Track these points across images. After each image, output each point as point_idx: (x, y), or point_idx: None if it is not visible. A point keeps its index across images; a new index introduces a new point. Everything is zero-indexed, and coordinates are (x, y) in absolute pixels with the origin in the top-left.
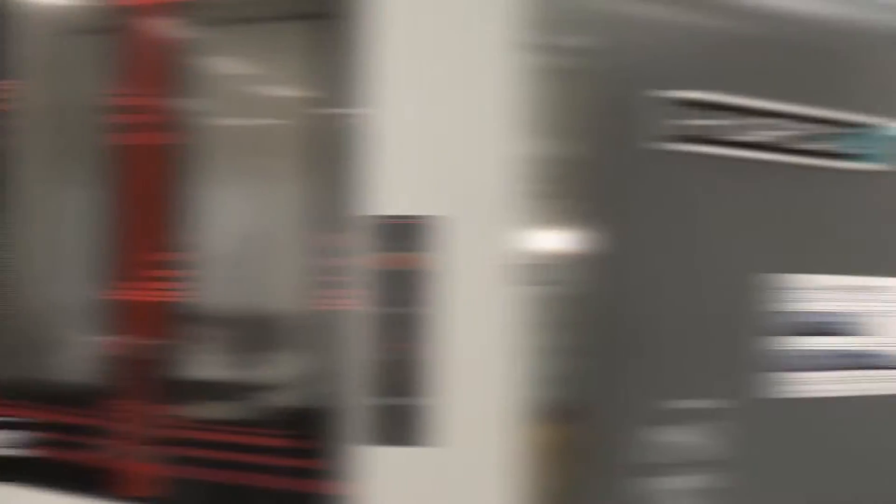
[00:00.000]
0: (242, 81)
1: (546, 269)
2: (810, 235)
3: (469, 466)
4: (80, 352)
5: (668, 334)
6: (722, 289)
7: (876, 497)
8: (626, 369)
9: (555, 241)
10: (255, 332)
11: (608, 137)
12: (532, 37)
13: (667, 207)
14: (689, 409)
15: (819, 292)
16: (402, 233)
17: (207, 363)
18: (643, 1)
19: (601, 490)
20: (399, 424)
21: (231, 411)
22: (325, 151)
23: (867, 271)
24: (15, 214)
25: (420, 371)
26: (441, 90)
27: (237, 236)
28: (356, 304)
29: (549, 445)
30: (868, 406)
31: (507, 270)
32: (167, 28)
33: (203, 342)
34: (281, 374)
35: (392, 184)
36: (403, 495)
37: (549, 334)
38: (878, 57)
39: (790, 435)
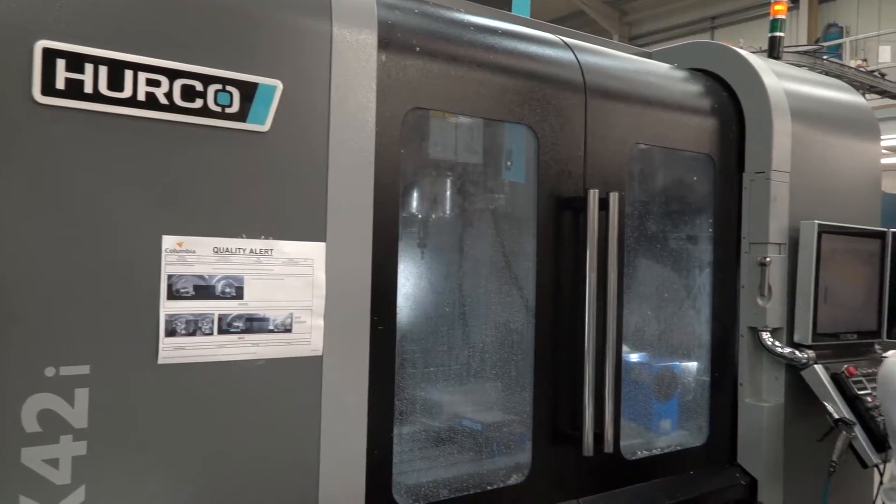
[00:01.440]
0: None
1: None
2: (193, 196)
3: None
4: None
5: (40, 299)
6: (100, 251)
7: (263, 461)
8: None
9: None
10: None
11: None
12: None
13: (35, 165)
14: (64, 375)
15: (203, 255)
16: None
17: None
18: None
19: None
20: None
21: None
22: None
23: (253, 234)
24: None
25: None
26: None
27: None
28: None
29: None
30: (253, 370)
31: None
32: None
33: None
34: None
35: None
36: None
37: None
38: (263, 14)
39: (170, 401)
